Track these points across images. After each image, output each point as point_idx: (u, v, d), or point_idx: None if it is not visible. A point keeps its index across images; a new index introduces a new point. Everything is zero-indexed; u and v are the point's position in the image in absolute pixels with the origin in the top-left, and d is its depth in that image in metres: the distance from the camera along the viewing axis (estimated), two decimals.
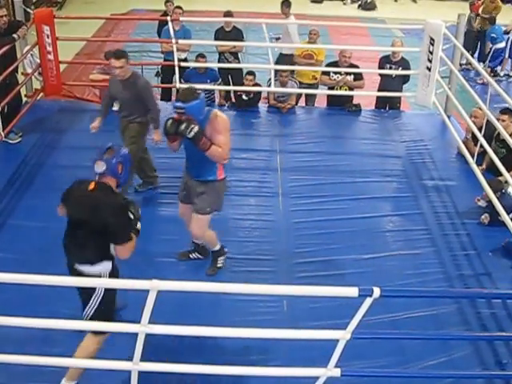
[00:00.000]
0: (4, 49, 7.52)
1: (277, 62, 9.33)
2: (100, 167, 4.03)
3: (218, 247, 5.47)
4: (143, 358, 3.71)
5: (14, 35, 7.76)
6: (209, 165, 5.00)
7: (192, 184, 5.15)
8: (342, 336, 3.68)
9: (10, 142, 7.78)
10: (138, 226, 4.09)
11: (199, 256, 5.66)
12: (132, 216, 4.04)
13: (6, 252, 5.60)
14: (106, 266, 4.05)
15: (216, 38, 9.58)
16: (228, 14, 9.66)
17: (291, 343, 4.16)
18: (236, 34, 9.57)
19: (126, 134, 6.29)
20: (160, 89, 10.06)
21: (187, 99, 4.72)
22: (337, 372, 3.85)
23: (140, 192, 6.64)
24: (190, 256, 5.68)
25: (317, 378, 3.89)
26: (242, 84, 8.92)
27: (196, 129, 4.72)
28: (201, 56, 8.80)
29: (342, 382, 4.00)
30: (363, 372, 4.25)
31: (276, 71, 8.79)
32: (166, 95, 9.90)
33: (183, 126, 4.72)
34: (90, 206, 3.94)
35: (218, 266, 5.51)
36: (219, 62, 9.72)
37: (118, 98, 6.45)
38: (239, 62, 9.89)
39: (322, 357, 3.85)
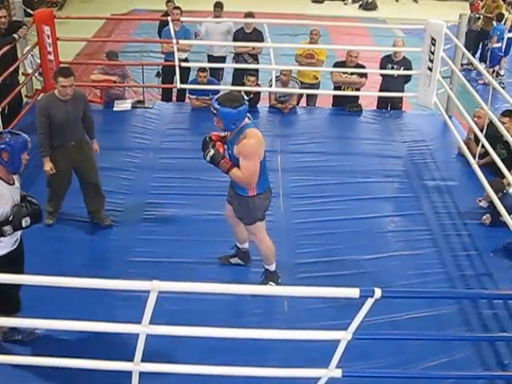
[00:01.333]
0: (4, 49, 7.52)
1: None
2: None
3: (272, 267, 5.30)
4: (144, 359, 3.72)
5: (15, 35, 7.80)
6: None
7: (231, 192, 5.14)
8: (344, 337, 3.67)
9: None
10: (6, 228, 4.13)
11: (240, 262, 5.62)
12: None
13: None
14: None
15: (236, 39, 9.48)
16: (249, 14, 9.51)
17: (292, 344, 4.15)
18: (257, 36, 9.50)
19: (89, 154, 6.04)
20: (161, 89, 10.08)
21: (224, 103, 4.59)
22: (338, 373, 3.85)
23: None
24: (231, 261, 5.64)
25: (318, 378, 3.88)
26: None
27: (211, 153, 4.76)
28: (201, 70, 8.75)
29: (343, 383, 4.01)
30: (364, 372, 4.25)
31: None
32: (166, 96, 9.89)
33: (203, 149, 4.80)
34: None
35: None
36: (237, 63, 9.66)
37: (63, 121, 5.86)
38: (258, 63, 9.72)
39: (322, 357, 3.85)
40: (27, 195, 4.35)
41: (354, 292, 3.50)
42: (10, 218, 4.15)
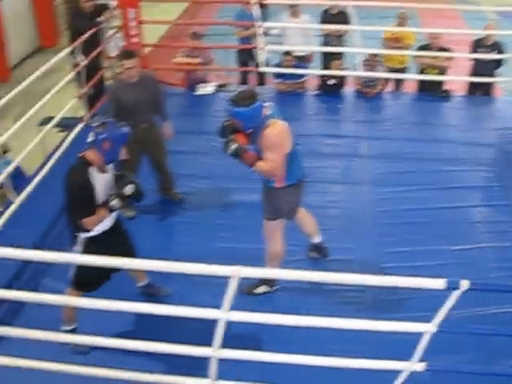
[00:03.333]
0: (89, 32, 7.62)
1: None
2: (89, 138, 4.15)
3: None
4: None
5: (100, 19, 7.89)
6: None
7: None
8: (428, 329, 3.59)
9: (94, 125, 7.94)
10: (113, 202, 4.16)
11: (317, 255, 5.57)
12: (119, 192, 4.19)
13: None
14: (82, 235, 4.31)
15: (322, 21, 9.32)
16: None
17: (373, 335, 4.08)
18: (343, 18, 9.26)
19: (155, 137, 6.09)
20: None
21: (237, 103, 4.48)
22: (421, 366, 3.76)
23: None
24: (310, 255, 5.60)
25: (400, 371, 3.81)
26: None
27: (234, 147, 4.54)
28: (287, 54, 8.67)
29: (426, 377, 3.92)
30: (449, 367, 4.14)
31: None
32: (243, 79, 9.82)
33: (223, 144, 4.60)
34: None
35: (255, 291, 5.14)
36: (324, 44, 9.45)
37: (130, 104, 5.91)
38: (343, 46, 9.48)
39: (404, 350, 3.77)
40: (122, 173, 4.37)
41: (439, 283, 3.39)
42: (115, 192, 4.20)
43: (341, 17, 9.22)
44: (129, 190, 4.22)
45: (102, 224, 4.32)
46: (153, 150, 6.06)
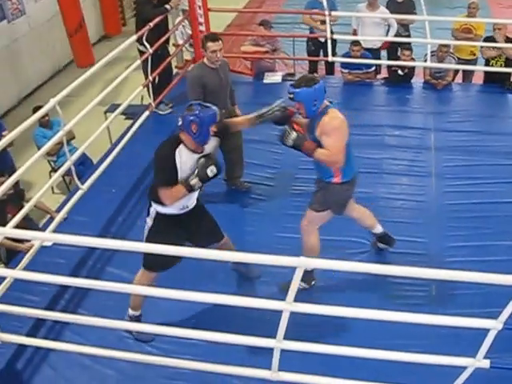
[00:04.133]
0: (157, 19, 7.65)
1: None
2: (178, 121, 4.21)
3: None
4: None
5: (167, 6, 7.88)
6: (323, 165, 4.64)
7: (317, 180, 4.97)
8: (494, 326, 3.52)
9: (160, 112, 8.05)
10: (193, 181, 4.21)
11: (385, 246, 5.55)
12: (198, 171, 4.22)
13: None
14: (156, 208, 4.42)
15: (388, 9, 9.17)
16: None
17: (437, 330, 4.05)
18: (408, 6, 9.17)
19: None
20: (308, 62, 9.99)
21: (299, 85, 4.43)
22: (486, 363, 3.70)
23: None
24: (379, 246, 5.58)
25: (464, 368, 3.77)
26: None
27: (294, 136, 4.50)
28: (355, 44, 8.57)
29: (491, 374, 3.87)
30: None
31: None
32: (311, 68, 9.80)
33: (282, 133, 4.56)
34: None
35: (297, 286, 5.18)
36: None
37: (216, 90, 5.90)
38: (409, 36, 9.45)
39: (468, 346, 3.72)
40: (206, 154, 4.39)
41: (509, 279, 3.33)
42: (196, 172, 4.24)
43: (406, 5, 9.11)
44: (211, 171, 4.25)
45: (177, 205, 4.38)
46: (231, 135, 6.03)
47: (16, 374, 4.52)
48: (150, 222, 4.50)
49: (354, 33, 9.35)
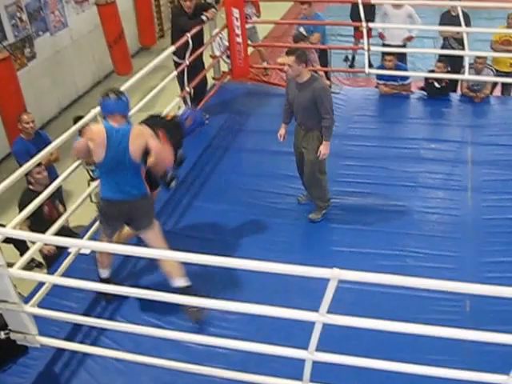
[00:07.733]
0: (194, 31, 7.70)
1: None
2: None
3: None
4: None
5: (203, 17, 7.91)
6: None
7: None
8: None
9: None
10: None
11: None
12: None
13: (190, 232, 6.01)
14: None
15: (441, 23, 9.21)
16: None
17: (472, 346, 4.02)
18: (464, 20, 9.09)
19: (306, 144, 5.91)
20: (349, 74, 10.00)
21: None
22: None
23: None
24: None
25: None
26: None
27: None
28: (388, 54, 8.59)
29: None
30: None
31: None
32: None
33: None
34: None
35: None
36: (443, 47, 9.39)
37: (293, 103, 5.90)
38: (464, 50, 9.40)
39: (504, 363, 3.69)
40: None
41: None
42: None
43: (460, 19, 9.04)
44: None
45: None
46: (307, 149, 5.95)
47: (54, 377, 4.62)
48: None
49: (381, 35, 9.53)
